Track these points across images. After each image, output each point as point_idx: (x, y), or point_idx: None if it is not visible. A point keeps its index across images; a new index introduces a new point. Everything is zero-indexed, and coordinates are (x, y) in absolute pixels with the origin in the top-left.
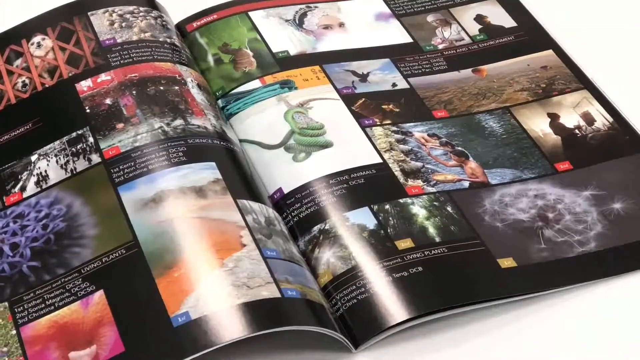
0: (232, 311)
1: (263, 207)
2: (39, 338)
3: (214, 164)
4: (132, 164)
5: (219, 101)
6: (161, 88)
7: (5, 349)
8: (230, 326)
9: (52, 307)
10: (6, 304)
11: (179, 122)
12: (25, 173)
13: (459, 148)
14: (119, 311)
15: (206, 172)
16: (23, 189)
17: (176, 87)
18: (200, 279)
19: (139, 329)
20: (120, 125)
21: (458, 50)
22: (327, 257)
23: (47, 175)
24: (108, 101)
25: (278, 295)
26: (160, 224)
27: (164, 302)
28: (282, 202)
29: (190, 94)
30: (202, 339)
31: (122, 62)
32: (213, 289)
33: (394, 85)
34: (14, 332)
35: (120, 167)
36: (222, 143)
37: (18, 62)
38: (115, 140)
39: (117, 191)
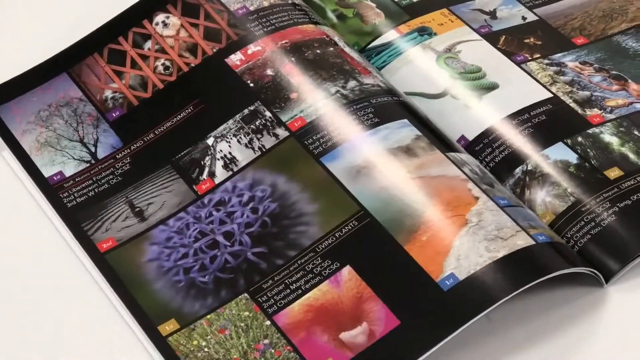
0: (497, 265)
1: (469, 156)
2: (299, 324)
3: (406, 120)
4: (326, 132)
5: None
6: (318, 51)
7: (266, 341)
8: (500, 281)
9: (300, 291)
10: (246, 295)
11: (352, 83)
12: (208, 158)
13: (614, 72)
14: (377, 284)
15: (405, 131)
16: (212, 174)
17: (331, 49)
18: (452, 238)
19: (407, 299)
20: (294, 95)
21: None
22: (541, 197)
23: (234, 157)
24: (269, 72)
25: (532, 242)
26: (385, 189)
27: (423, 268)
28: (469, 149)
29: (346, 54)
30: (479, 298)
31: (265, 30)
32: (469, 246)
33: (523, 18)
34: (268, 322)
35: (314, 137)
36: (400, 99)
37: (148, 44)
38: (296, 111)
39: (321, 162)
